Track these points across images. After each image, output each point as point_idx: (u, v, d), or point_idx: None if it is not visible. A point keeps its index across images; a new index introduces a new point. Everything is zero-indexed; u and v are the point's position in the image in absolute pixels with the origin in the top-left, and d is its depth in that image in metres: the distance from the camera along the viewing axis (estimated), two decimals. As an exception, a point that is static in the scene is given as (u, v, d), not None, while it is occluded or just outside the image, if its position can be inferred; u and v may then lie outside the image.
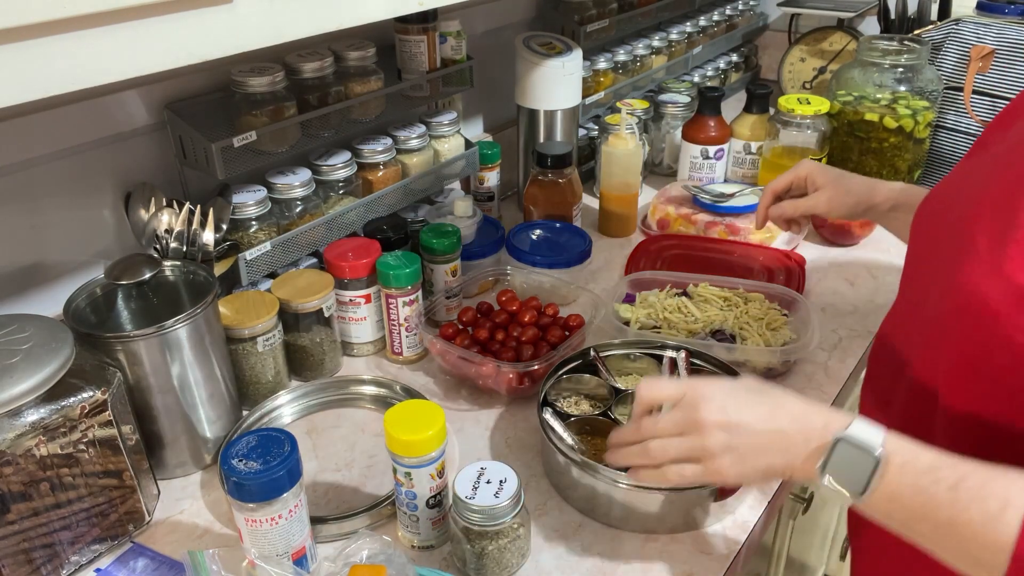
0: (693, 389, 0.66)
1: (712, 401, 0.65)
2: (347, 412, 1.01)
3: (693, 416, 0.65)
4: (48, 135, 0.90)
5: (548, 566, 0.78)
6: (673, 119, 1.63)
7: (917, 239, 0.75)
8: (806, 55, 1.96)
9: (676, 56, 1.79)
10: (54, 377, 0.70)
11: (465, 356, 0.98)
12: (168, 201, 0.97)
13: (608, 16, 1.54)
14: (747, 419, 0.64)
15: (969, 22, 1.50)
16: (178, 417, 0.86)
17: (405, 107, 1.21)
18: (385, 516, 0.84)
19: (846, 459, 0.59)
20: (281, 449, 0.70)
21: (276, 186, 1.06)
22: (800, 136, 1.43)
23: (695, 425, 0.65)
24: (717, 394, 0.66)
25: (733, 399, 0.65)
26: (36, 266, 0.95)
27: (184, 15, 0.59)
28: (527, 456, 0.92)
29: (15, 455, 0.69)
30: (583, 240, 1.25)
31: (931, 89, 1.43)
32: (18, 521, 0.71)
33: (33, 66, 0.52)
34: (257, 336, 0.95)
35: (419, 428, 0.73)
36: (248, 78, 0.98)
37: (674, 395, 0.68)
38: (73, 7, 0.52)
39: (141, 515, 0.81)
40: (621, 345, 1.00)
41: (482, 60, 1.32)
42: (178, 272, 0.92)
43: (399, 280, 1.03)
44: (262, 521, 0.70)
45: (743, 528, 0.83)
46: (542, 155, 1.28)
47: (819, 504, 1.25)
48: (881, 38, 1.48)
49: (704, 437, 0.65)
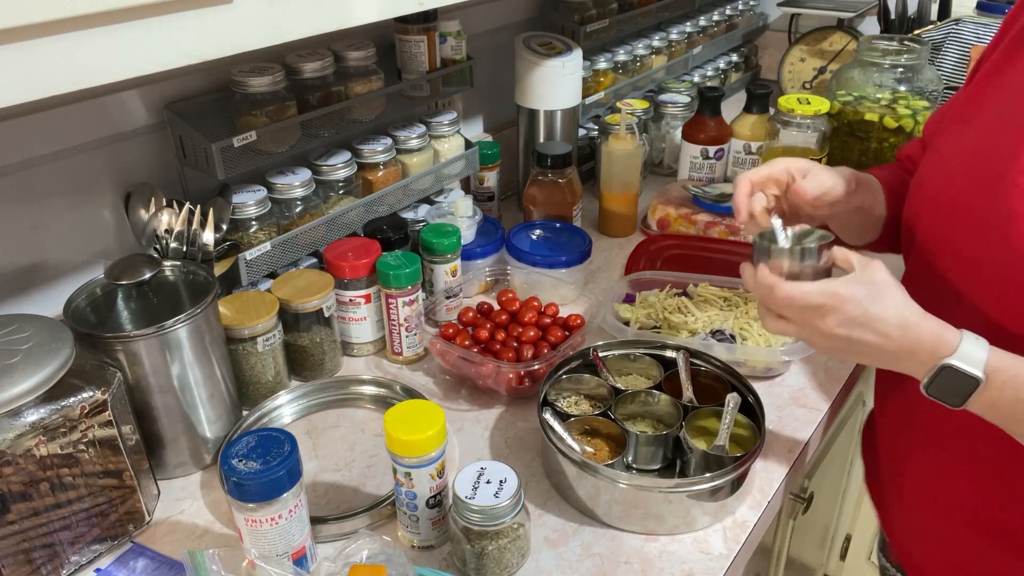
0: (832, 297, 0.69)
1: (842, 314, 0.69)
2: (347, 412, 1.01)
3: (817, 323, 0.70)
4: (48, 135, 0.90)
5: (548, 566, 0.78)
6: (673, 119, 1.63)
7: (938, 206, 0.77)
8: (806, 55, 1.96)
9: (676, 56, 1.79)
10: (54, 377, 0.70)
11: (465, 356, 0.98)
12: (168, 201, 0.97)
13: (608, 16, 1.54)
14: (866, 337, 0.69)
15: (969, 22, 1.50)
16: (178, 417, 0.86)
17: (405, 107, 1.21)
18: (385, 516, 0.84)
19: (949, 382, 0.66)
20: (281, 449, 0.70)
21: (276, 186, 1.06)
22: (800, 136, 1.43)
23: (816, 331, 0.71)
24: (849, 308, 0.69)
25: (863, 314, 0.68)
26: (36, 266, 0.95)
27: (184, 15, 0.59)
28: (527, 456, 0.92)
29: (15, 455, 0.69)
30: (583, 240, 1.25)
31: (931, 89, 1.43)
32: (18, 521, 0.71)
33: (33, 66, 0.52)
34: (257, 336, 0.95)
35: (419, 428, 0.73)
36: (248, 78, 0.98)
37: (813, 305, 0.71)
38: (73, 7, 0.52)
39: (141, 515, 0.81)
40: (621, 345, 1.00)
41: (482, 60, 1.32)
42: (178, 272, 0.91)
43: (399, 280, 1.03)
44: (262, 521, 0.70)
45: (743, 528, 0.83)
46: (542, 155, 1.28)
47: (819, 504, 1.25)
48: (881, 38, 1.48)
49: (820, 339, 0.71)
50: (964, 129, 0.77)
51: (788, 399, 1.01)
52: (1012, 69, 0.74)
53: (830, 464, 1.27)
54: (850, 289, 0.69)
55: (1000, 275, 0.68)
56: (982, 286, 0.71)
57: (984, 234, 0.70)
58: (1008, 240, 0.67)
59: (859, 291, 0.69)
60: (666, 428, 0.91)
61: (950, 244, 0.75)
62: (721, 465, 0.83)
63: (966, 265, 0.73)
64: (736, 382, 0.94)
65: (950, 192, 0.75)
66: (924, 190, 0.80)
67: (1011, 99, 0.72)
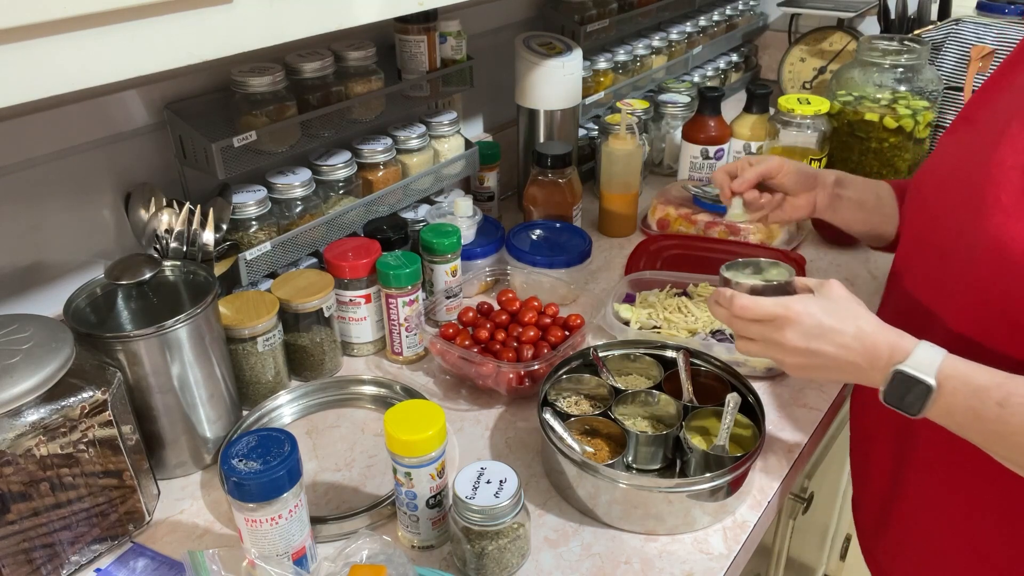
0: (786, 309, 0.72)
1: (798, 326, 0.72)
2: (347, 412, 1.01)
3: (777, 337, 0.73)
4: (48, 135, 0.90)
5: (548, 566, 0.78)
6: (673, 119, 1.63)
7: (928, 204, 0.80)
8: (806, 55, 1.96)
9: (676, 56, 1.79)
10: (54, 377, 0.70)
11: (465, 356, 0.98)
12: (168, 201, 0.97)
13: (608, 16, 1.54)
14: (824, 348, 0.71)
15: (969, 22, 1.50)
16: (178, 417, 0.86)
17: (405, 107, 1.21)
18: (385, 516, 0.84)
19: (903, 388, 0.67)
20: (281, 449, 0.70)
21: (276, 186, 1.06)
22: (800, 136, 1.43)
23: (777, 346, 0.74)
24: (804, 320, 0.72)
25: (817, 325, 0.71)
26: (36, 266, 0.95)
27: (184, 15, 0.59)
28: (527, 456, 0.92)
29: (15, 455, 0.69)
30: (583, 240, 1.25)
31: (931, 89, 1.43)
32: (18, 521, 0.71)
33: (33, 66, 0.52)
34: (257, 336, 0.95)
35: (419, 428, 0.73)
36: (248, 78, 0.98)
37: (768, 316, 0.74)
38: (73, 7, 0.52)
39: (141, 515, 0.81)
40: (621, 345, 1.00)
41: (482, 60, 1.32)
42: (178, 272, 0.91)
43: (399, 280, 1.03)
44: (262, 521, 0.70)
45: (743, 528, 0.83)
46: (542, 155, 1.28)
47: (819, 504, 1.25)
48: (881, 38, 1.48)
49: (783, 354, 0.74)
50: (955, 135, 0.80)
51: (788, 399, 1.01)
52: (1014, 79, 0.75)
53: (830, 464, 1.27)
54: (804, 303, 0.72)
55: (971, 285, 0.70)
56: (960, 288, 0.72)
57: (959, 227, 0.72)
58: (979, 231, 0.69)
59: (813, 305, 0.72)
60: (666, 428, 0.91)
61: (931, 241, 0.78)
62: (721, 465, 0.83)
63: (942, 265, 0.75)
64: (736, 382, 0.94)
65: (936, 195, 0.78)
66: (918, 191, 0.81)
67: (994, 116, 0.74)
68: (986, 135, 0.73)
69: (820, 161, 1.42)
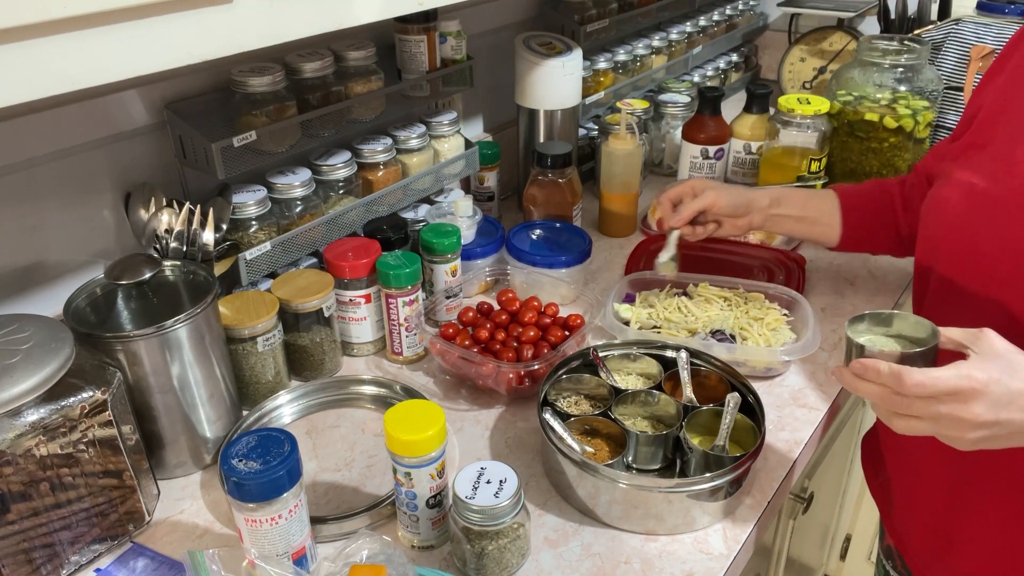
0: (971, 380, 0.62)
1: (986, 398, 0.62)
2: (347, 412, 1.01)
3: (960, 413, 0.63)
4: (48, 135, 0.90)
5: (548, 566, 0.78)
6: (673, 119, 1.63)
7: (970, 216, 0.78)
8: (806, 55, 1.96)
9: (676, 56, 1.79)
10: (54, 377, 0.70)
11: (465, 356, 0.98)
12: (168, 201, 0.97)
13: (608, 16, 1.54)
14: (1015, 416, 0.62)
15: (969, 22, 1.50)
16: (178, 417, 0.86)
17: (405, 107, 1.21)
18: (385, 516, 0.84)
19: None
20: (281, 449, 0.70)
21: (276, 186, 1.06)
22: (800, 136, 1.43)
23: (957, 422, 0.63)
24: (993, 389, 0.62)
25: (1006, 392, 0.62)
26: (36, 266, 0.95)
27: (184, 15, 0.59)
28: (527, 456, 0.92)
29: (15, 455, 0.69)
30: (583, 240, 1.25)
31: (931, 89, 1.43)
32: (18, 521, 0.71)
33: (33, 66, 0.52)
34: (257, 336, 0.95)
35: (419, 428, 0.73)
36: (248, 78, 0.98)
37: (951, 391, 0.63)
38: (73, 7, 0.52)
39: (141, 515, 0.81)
40: (621, 345, 1.00)
41: (482, 60, 1.32)
42: (178, 272, 0.91)
43: (399, 280, 1.03)
44: (262, 521, 0.70)
45: (743, 528, 0.83)
46: (542, 155, 1.28)
47: (819, 504, 1.25)
48: (881, 38, 1.48)
49: (963, 431, 0.63)
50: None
51: (788, 399, 1.01)
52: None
53: (830, 464, 1.27)
54: (985, 369, 0.63)
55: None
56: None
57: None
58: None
59: (995, 370, 0.63)
60: (666, 428, 0.91)
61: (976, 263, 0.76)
62: (721, 465, 0.83)
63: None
64: (736, 382, 0.94)
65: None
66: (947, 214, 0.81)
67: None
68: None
69: (820, 161, 1.42)
